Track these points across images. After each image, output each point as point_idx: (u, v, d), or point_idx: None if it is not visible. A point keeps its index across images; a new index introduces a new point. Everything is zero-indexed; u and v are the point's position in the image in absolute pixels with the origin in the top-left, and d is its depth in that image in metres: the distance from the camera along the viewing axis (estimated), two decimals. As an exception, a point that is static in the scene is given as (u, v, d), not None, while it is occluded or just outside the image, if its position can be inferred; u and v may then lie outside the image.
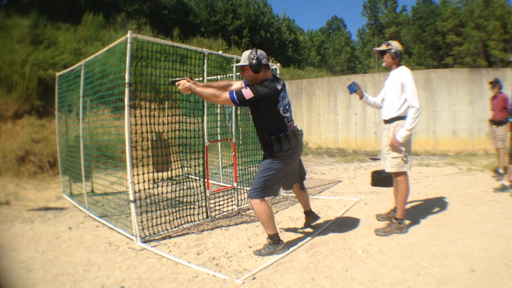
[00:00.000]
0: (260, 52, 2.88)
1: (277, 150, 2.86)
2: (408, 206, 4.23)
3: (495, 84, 5.84)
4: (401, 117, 3.30)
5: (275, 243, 2.99)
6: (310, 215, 3.58)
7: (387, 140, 3.40)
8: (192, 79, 2.93)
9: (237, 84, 3.15)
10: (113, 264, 2.88)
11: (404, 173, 3.37)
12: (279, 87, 2.88)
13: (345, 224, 3.75)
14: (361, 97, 3.72)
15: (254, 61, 2.81)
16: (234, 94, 2.75)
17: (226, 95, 2.79)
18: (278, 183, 3.03)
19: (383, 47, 3.43)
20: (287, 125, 2.93)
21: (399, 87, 3.29)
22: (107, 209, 4.38)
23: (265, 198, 2.96)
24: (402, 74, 3.31)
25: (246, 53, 2.90)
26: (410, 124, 3.17)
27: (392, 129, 3.35)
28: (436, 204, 4.33)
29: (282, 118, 2.90)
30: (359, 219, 3.88)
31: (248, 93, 2.74)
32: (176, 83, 2.95)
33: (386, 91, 3.52)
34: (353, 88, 3.65)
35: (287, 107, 2.97)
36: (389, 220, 3.54)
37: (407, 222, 3.51)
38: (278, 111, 2.87)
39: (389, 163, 3.37)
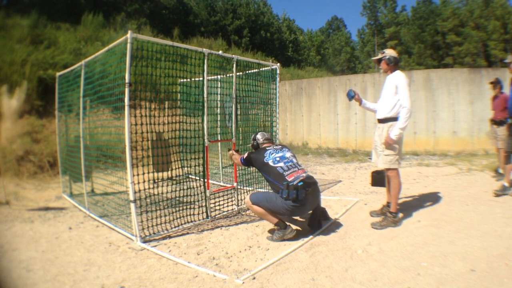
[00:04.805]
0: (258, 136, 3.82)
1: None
2: (408, 205, 4.25)
3: (496, 84, 5.82)
4: (394, 118, 3.55)
5: (282, 228, 3.29)
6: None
7: (380, 139, 3.68)
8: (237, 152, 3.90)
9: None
10: (113, 264, 2.88)
11: (396, 169, 3.62)
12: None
13: (345, 224, 3.75)
14: (360, 103, 4.06)
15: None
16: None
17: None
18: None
19: (379, 55, 3.77)
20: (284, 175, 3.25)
21: (393, 89, 3.57)
22: (107, 209, 4.38)
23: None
24: (397, 77, 3.61)
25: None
26: (403, 123, 3.46)
27: (386, 128, 3.61)
28: (436, 204, 4.33)
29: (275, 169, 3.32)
30: (359, 219, 3.89)
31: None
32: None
33: (382, 94, 3.78)
34: (350, 95, 3.99)
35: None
36: (383, 215, 3.70)
37: (400, 215, 3.71)
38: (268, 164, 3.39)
39: (382, 160, 3.66)
